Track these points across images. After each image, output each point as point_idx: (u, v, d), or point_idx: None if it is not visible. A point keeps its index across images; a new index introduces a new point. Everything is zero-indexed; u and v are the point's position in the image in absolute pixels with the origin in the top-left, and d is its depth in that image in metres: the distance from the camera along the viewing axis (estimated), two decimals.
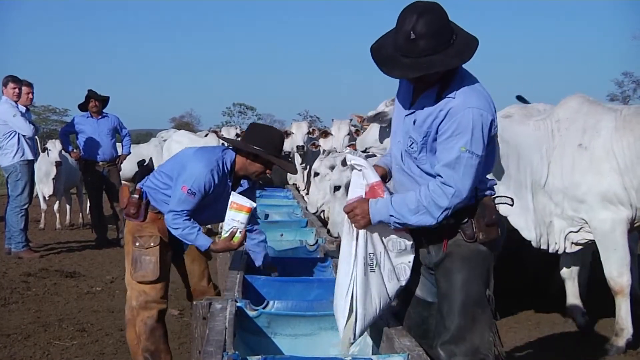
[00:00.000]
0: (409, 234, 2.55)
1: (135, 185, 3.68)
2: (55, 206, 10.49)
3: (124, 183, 9.62)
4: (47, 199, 10.15)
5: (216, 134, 9.44)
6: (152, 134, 21.46)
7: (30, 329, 5.03)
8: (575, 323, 4.90)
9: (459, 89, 2.42)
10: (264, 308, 2.84)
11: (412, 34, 2.33)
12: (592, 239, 4.40)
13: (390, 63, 2.41)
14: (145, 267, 3.53)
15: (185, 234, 3.45)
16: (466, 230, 2.50)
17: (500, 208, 2.84)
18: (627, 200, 4.23)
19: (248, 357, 2.24)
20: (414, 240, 2.57)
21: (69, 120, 9.20)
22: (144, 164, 4.06)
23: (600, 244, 4.34)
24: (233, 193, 3.44)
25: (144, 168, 3.97)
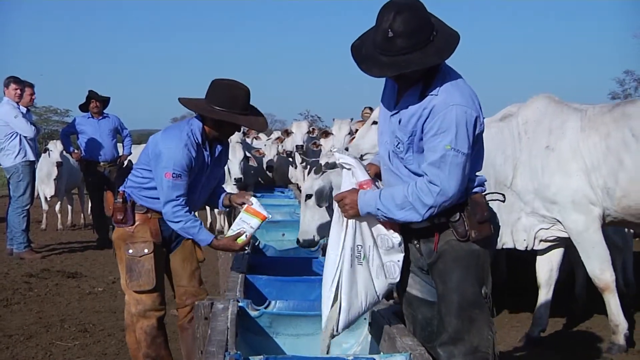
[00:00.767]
0: (398, 233, 2.54)
1: (117, 190, 3.54)
2: (57, 207, 10.50)
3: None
4: (49, 199, 10.16)
5: None
6: (153, 134, 21.46)
7: (33, 330, 5.04)
8: (530, 333, 4.78)
9: (442, 86, 2.40)
10: (265, 308, 2.84)
11: (390, 32, 2.32)
12: (562, 236, 4.46)
13: (369, 61, 2.40)
14: (141, 277, 3.43)
15: (187, 227, 3.36)
16: (458, 228, 2.48)
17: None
18: (596, 199, 4.28)
19: (250, 357, 2.24)
20: (404, 240, 2.56)
21: (70, 120, 9.22)
22: (122, 166, 3.99)
23: (578, 244, 4.38)
24: (254, 199, 3.40)
25: (124, 170, 3.86)
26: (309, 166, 8.15)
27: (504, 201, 2.77)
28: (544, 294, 4.74)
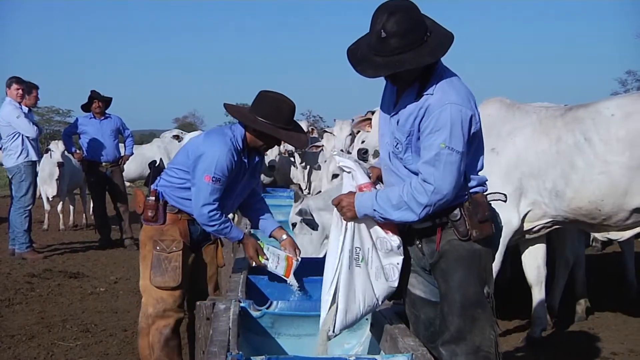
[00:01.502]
0: (397, 235, 2.55)
1: (149, 188, 3.50)
2: (59, 207, 10.50)
3: (128, 185, 9.64)
4: (51, 199, 10.16)
5: None
6: (155, 134, 21.48)
7: (34, 330, 5.05)
8: (531, 334, 4.81)
9: (437, 85, 2.42)
10: (267, 308, 2.84)
11: (383, 33, 2.35)
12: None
13: (364, 63, 2.43)
14: (167, 273, 3.37)
15: (221, 229, 3.35)
16: (459, 227, 2.49)
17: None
18: (536, 202, 4.37)
19: (252, 358, 2.24)
20: (405, 240, 2.57)
21: (72, 121, 9.22)
22: (155, 165, 3.93)
23: (520, 242, 4.63)
24: (296, 263, 3.37)
25: (156, 169, 3.78)
26: (308, 166, 8.17)
27: (505, 201, 2.77)
28: (537, 293, 4.80)
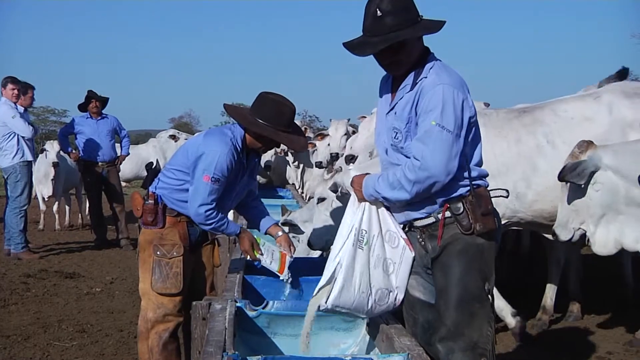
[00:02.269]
0: (403, 232, 2.59)
1: (147, 191, 3.47)
2: (55, 207, 10.49)
3: (124, 185, 9.59)
4: (47, 200, 10.15)
5: None
6: (151, 134, 21.44)
7: (30, 330, 5.03)
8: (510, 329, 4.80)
9: (431, 69, 2.48)
10: (263, 308, 2.83)
11: (378, 11, 2.42)
12: None
13: (361, 46, 2.49)
14: (168, 279, 3.34)
15: (218, 227, 3.34)
16: (462, 221, 2.50)
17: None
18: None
19: (248, 357, 2.23)
20: (408, 238, 2.59)
21: (68, 121, 9.22)
22: (152, 167, 3.89)
23: None
24: (289, 258, 3.39)
25: (153, 171, 3.74)
26: (301, 165, 8.15)
27: (507, 197, 2.76)
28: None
